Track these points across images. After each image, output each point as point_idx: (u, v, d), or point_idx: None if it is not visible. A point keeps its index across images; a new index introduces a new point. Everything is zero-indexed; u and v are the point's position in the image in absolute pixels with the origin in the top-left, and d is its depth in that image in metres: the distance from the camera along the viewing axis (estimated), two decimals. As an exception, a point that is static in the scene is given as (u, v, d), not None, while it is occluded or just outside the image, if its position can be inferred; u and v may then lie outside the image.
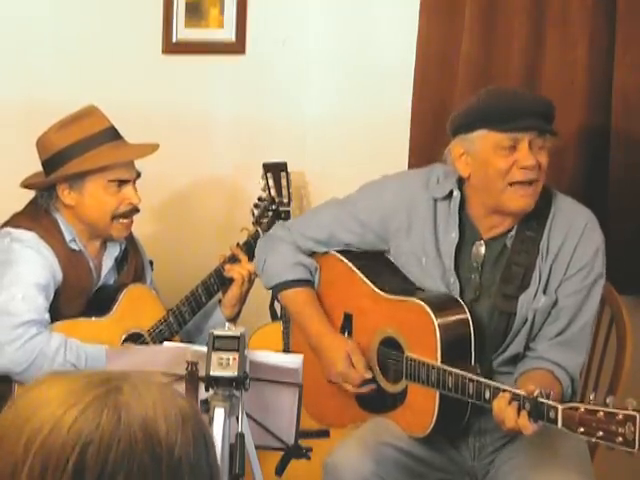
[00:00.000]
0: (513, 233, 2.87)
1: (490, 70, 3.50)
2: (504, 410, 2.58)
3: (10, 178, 3.23)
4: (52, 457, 1.12)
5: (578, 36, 3.37)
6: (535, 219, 2.87)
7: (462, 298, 2.86)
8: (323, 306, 3.10)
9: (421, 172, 3.04)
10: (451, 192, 2.92)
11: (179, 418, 1.16)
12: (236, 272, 3.35)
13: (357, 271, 3.04)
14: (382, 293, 2.96)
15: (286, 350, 3.42)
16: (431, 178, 2.97)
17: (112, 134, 3.15)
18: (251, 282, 3.38)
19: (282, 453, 2.57)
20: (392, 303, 2.93)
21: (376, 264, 3.04)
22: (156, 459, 1.13)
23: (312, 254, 3.12)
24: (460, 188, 2.92)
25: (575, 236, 2.85)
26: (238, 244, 3.43)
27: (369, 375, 2.95)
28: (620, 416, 2.36)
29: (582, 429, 2.43)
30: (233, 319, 3.38)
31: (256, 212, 3.52)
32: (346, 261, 3.07)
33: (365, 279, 3.01)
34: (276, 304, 3.55)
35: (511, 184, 2.78)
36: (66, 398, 1.16)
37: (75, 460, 1.11)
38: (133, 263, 3.32)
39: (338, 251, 3.09)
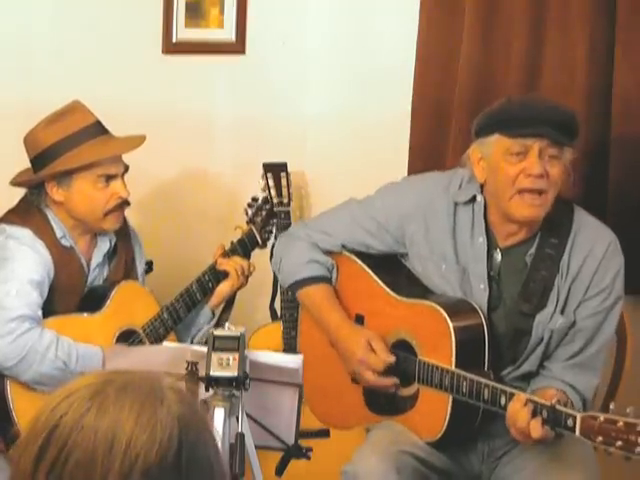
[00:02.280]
0: (533, 251, 2.82)
1: (490, 70, 3.50)
2: (519, 411, 2.55)
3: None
4: (36, 441, 1.21)
5: (578, 36, 3.37)
6: (556, 236, 2.81)
7: (481, 306, 2.81)
8: None
9: (443, 176, 2.98)
10: (474, 197, 2.86)
11: (152, 421, 1.20)
12: (230, 266, 3.36)
13: (371, 273, 2.99)
14: (396, 296, 2.92)
15: (286, 350, 3.42)
16: (453, 182, 2.91)
17: (97, 129, 3.15)
18: (246, 277, 3.38)
19: (282, 453, 2.57)
20: (406, 306, 2.89)
21: (390, 267, 3.00)
22: (110, 452, 1.18)
23: (329, 252, 3.06)
24: (482, 193, 2.86)
25: (597, 257, 2.80)
26: (232, 242, 3.43)
27: (392, 359, 2.87)
28: None
29: (600, 438, 2.40)
30: (221, 317, 3.38)
31: (250, 211, 3.52)
32: (360, 262, 3.02)
33: (379, 281, 2.97)
34: (276, 304, 3.56)
35: (520, 192, 2.72)
36: (60, 392, 1.24)
37: (43, 439, 1.21)
38: (122, 256, 3.31)
39: (353, 252, 3.03)
